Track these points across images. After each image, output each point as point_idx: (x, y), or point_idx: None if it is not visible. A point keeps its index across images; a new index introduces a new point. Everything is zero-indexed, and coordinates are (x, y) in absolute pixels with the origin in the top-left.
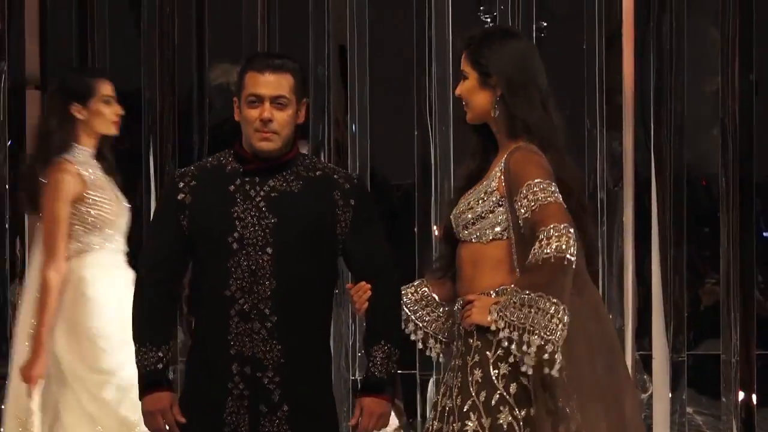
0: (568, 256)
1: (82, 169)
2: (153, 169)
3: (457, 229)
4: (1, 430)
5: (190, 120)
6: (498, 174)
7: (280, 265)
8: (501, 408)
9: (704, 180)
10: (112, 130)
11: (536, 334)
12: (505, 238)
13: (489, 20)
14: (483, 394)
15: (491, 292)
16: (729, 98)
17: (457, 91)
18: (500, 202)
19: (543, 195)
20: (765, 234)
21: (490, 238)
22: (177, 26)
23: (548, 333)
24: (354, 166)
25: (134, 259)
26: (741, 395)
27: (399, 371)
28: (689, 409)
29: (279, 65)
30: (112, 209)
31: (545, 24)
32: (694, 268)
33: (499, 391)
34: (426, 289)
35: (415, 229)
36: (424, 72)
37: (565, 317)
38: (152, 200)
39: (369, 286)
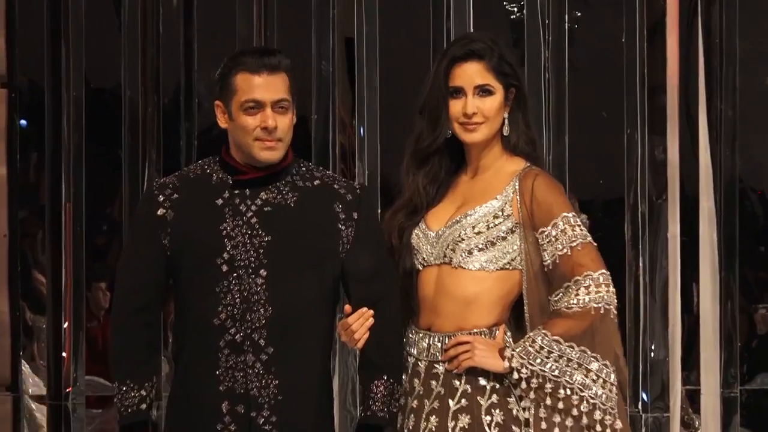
0: (613, 309)
1: None
2: (134, 179)
3: (449, 254)
4: None
5: (176, 123)
6: (511, 196)
7: (276, 289)
8: None
9: (760, 190)
10: None
11: (579, 394)
12: (513, 268)
13: (515, 10)
14: None
15: (485, 330)
16: None
17: (482, 110)
18: (514, 229)
19: (581, 232)
20: None
21: (499, 266)
22: (162, 16)
23: (600, 399)
24: (362, 174)
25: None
26: None
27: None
28: None
29: (275, 64)
30: None
31: (579, 14)
32: (748, 292)
33: None
34: None
35: None
36: None
37: (612, 376)
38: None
39: (371, 313)
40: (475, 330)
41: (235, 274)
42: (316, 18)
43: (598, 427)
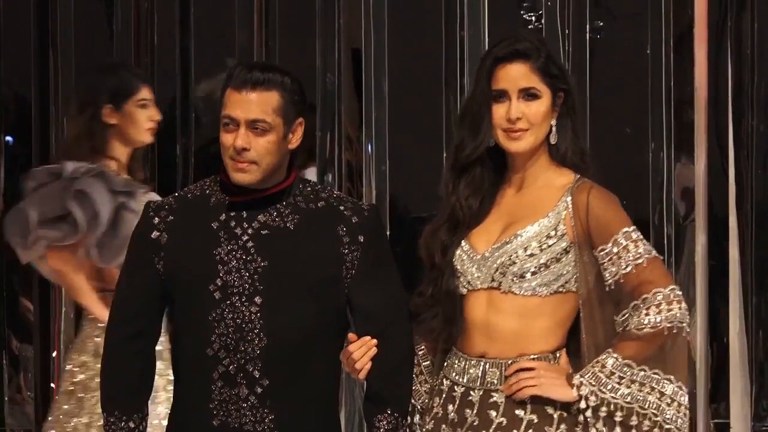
0: (687, 327)
1: None
2: None
3: (497, 279)
4: None
5: (172, 138)
6: (564, 213)
7: (272, 318)
8: None
9: None
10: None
11: (653, 419)
12: (566, 291)
13: (533, 19)
14: None
15: (549, 356)
16: None
17: (527, 115)
18: (568, 249)
19: (644, 248)
20: None
21: (552, 290)
22: (156, 25)
23: (675, 424)
24: (369, 194)
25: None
26: None
27: None
28: None
29: (261, 80)
30: None
31: (601, 24)
32: None
33: None
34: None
35: None
36: (455, 81)
37: (685, 399)
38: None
39: (374, 342)
40: (537, 355)
41: (228, 302)
42: (321, 27)
43: None
